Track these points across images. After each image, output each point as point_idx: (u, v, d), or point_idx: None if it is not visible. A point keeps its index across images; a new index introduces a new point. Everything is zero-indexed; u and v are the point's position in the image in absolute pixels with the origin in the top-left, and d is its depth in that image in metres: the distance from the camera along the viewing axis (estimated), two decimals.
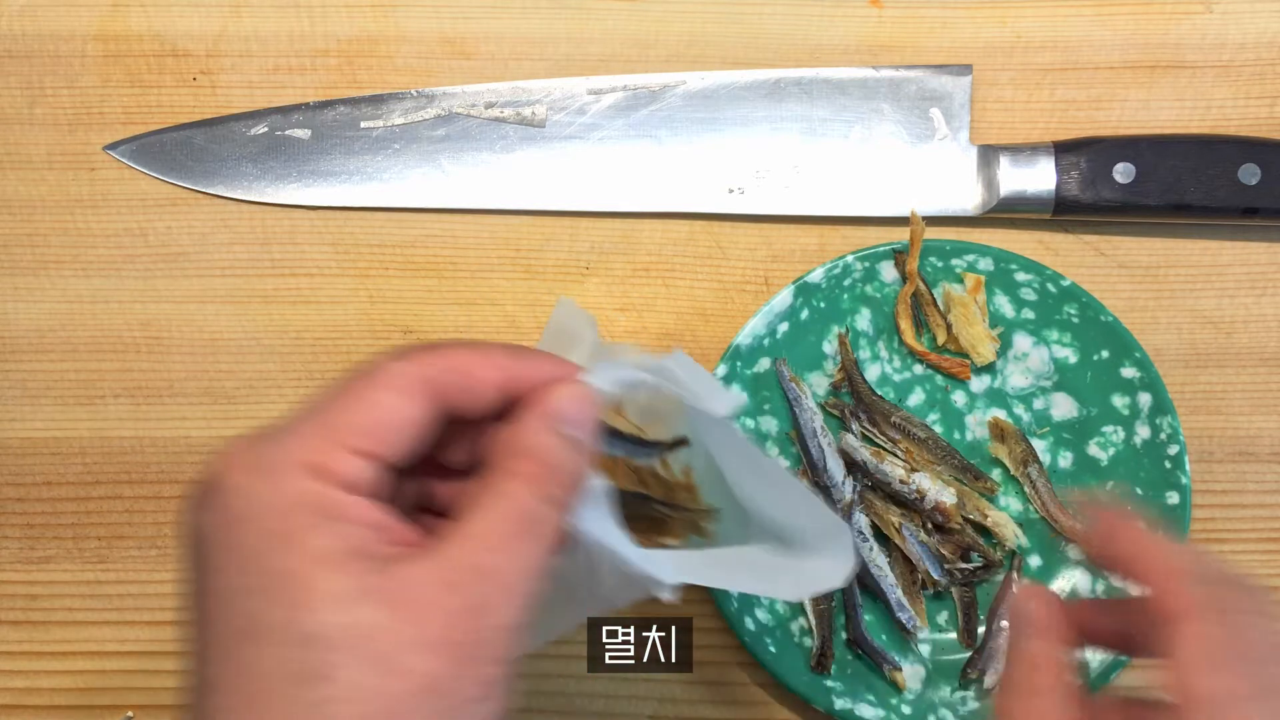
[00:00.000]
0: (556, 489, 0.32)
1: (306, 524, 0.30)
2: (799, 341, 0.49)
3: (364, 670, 0.28)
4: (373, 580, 0.29)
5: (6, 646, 0.50)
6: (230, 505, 0.30)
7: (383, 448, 0.31)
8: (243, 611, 0.29)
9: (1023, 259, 0.49)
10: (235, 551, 0.30)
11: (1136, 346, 0.48)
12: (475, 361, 0.33)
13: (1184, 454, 0.47)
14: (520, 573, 0.31)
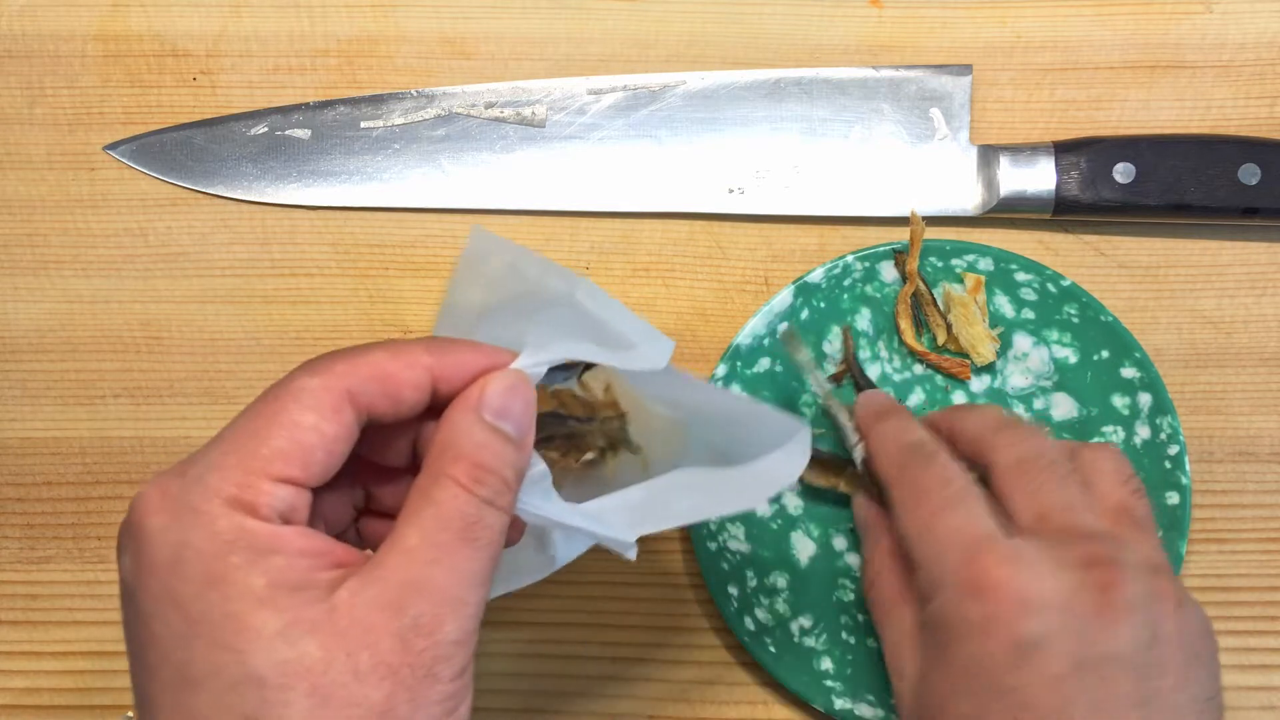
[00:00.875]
0: (493, 490, 0.31)
1: (236, 563, 0.29)
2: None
3: (308, 707, 0.28)
4: (311, 612, 0.29)
5: (6, 646, 0.50)
6: (154, 550, 0.29)
7: (304, 472, 0.30)
8: (181, 659, 0.29)
9: (1023, 259, 0.49)
10: (165, 598, 0.29)
11: (1136, 346, 0.48)
12: (394, 365, 0.32)
13: (1184, 454, 0.47)
14: (464, 582, 0.30)
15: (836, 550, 0.49)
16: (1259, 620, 0.49)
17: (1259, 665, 0.49)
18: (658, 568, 0.50)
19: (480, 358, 0.33)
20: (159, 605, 0.29)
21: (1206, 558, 0.49)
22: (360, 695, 0.28)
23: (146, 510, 0.30)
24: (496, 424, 0.32)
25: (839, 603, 0.48)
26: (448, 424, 0.32)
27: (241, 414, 0.31)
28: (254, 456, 0.30)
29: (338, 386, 0.31)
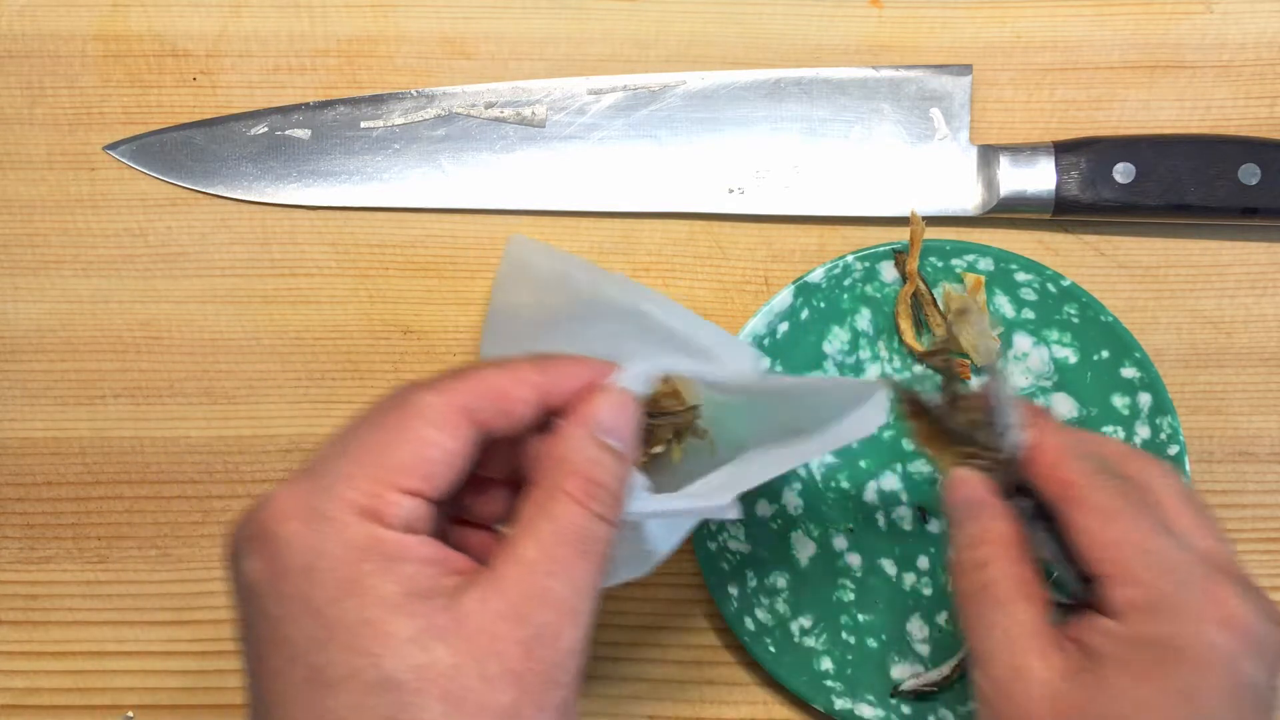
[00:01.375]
0: (604, 505, 0.33)
1: (370, 570, 0.30)
2: (799, 342, 0.49)
3: (442, 710, 0.29)
4: (441, 619, 0.30)
5: (6, 646, 0.50)
6: (285, 556, 0.31)
7: (429, 485, 0.32)
8: (316, 662, 0.30)
9: (1023, 259, 0.49)
10: (297, 602, 0.30)
11: (1136, 346, 0.48)
12: (507, 383, 0.34)
13: (1184, 454, 0.47)
14: (579, 594, 0.32)
15: (836, 550, 0.49)
16: None
17: None
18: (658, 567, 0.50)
19: (585, 372, 0.35)
20: (292, 609, 0.30)
21: None
22: (489, 700, 0.29)
23: (278, 517, 0.31)
24: (607, 440, 0.33)
25: (839, 603, 0.48)
26: (562, 440, 0.33)
27: (362, 425, 0.33)
28: (381, 468, 0.31)
29: (458, 404, 0.33)
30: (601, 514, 0.33)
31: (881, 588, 0.49)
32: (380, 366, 0.51)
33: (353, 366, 0.51)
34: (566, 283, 0.39)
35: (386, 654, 0.29)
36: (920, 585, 0.49)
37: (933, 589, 0.48)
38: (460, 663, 0.29)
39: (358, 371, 0.51)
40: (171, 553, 0.50)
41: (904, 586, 0.49)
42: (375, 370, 0.51)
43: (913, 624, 0.48)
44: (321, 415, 0.51)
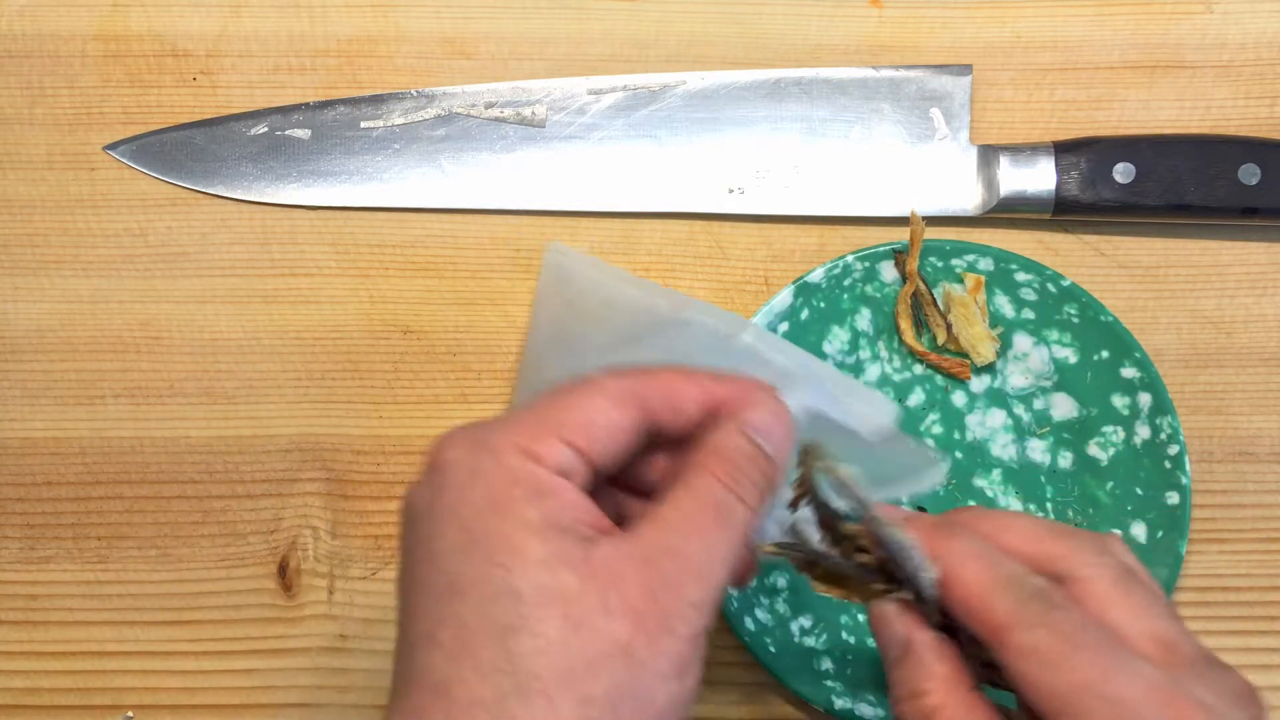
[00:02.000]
0: (744, 489, 0.35)
1: (518, 495, 0.32)
2: (799, 341, 0.49)
3: (561, 628, 0.31)
4: (572, 550, 0.32)
5: (6, 646, 0.50)
6: (448, 476, 0.33)
7: (589, 444, 0.34)
8: (454, 569, 0.32)
9: (1023, 259, 0.49)
10: (450, 515, 0.33)
11: (1136, 346, 0.48)
12: (681, 382, 0.36)
13: (1184, 454, 0.47)
14: (710, 556, 0.33)
15: None
16: (1259, 620, 0.49)
17: (1259, 665, 0.49)
18: None
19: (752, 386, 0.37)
20: (443, 522, 0.33)
21: (1206, 558, 0.49)
22: (607, 628, 0.31)
23: (447, 445, 0.34)
24: (757, 439, 0.35)
25: (839, 603, 0.48)
26: (716, 431, 0.35)
27: (545, 393, 0.35)
28: (547, 420, 0.34)
29: (632, 387, 0.35)
30: (740, 495, 0.34)
31: None
32: (380, 366, 0.51)
33: (353, 366, 0.51)
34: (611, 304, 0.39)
35: (517, 568, 0.31)
36: None
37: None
38: (584, 589, 0.31)
39: (358, 371, 0.51)
40: (171, 553, 0.50)
41: None
42: (375, 370, 0.51)
43: None
44: (321, 415, 0.51)
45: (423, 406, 0.51)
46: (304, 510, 0.50)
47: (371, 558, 0.50)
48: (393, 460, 0.50)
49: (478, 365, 0.51)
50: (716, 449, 0.35)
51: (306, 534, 0.50)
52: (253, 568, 0.50)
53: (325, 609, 0.49)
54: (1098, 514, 0.48)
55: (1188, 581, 0.49)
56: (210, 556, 0.50)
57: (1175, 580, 0.47)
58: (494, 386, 0.51)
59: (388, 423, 0.51)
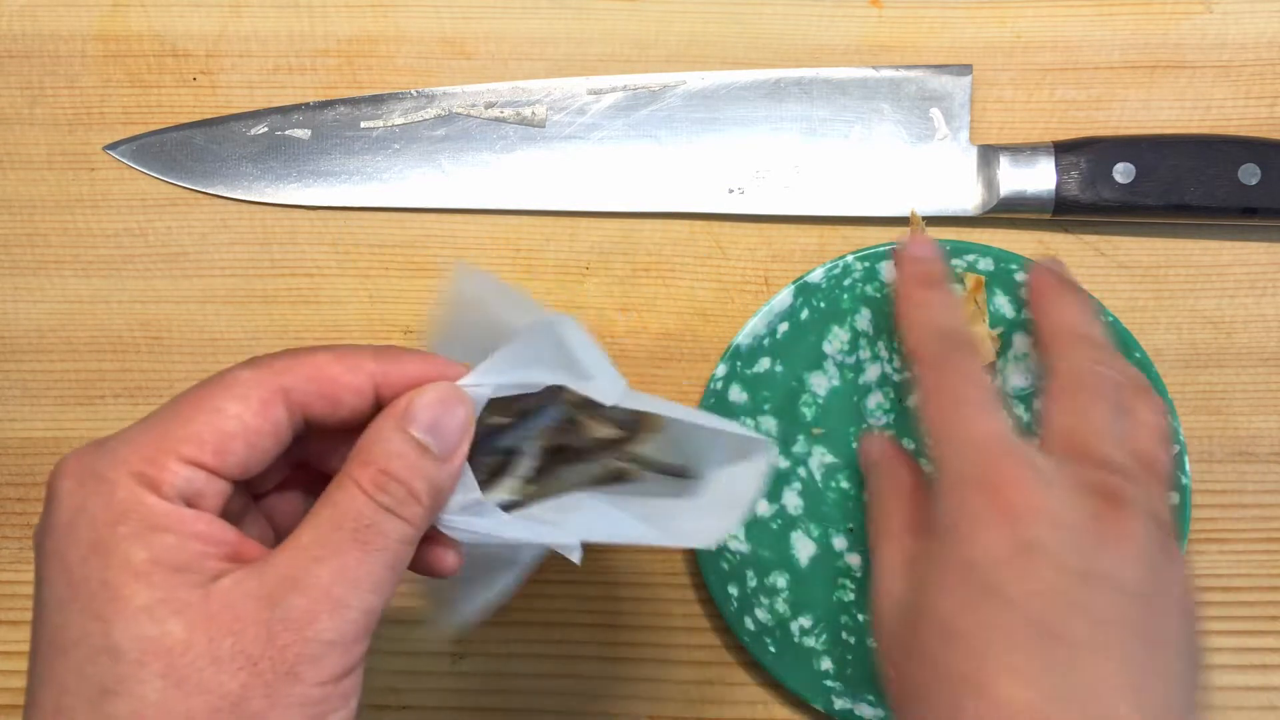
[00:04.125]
0: (396, 499, 0.30)
1: (124, 534, 0.29)
2: (799, 341, 0.49)
3: (161, 687, 0.27)
4: (186, 594, 0.28)
5: (6, 646, 0.50)
6: (56, 514, 0.30)
7: (218, 458, 0.30)
8: (57, 624, 0.29)
9: (1023, 259, 0.49)
10: (56, 561, 0.29)
11: (1136, 346, 0.48)
12: (336, 367, 0.32)
13: (1184, 454, 0.47)
14: (347, 583, 0.29)
15: (836, 550, 0.49)
16: (1259, 620, 0.49)
17: (1259, 665, 0.49)
18: (658, 568, 0.50)
19: (428, 369, 0.32)
20: (50, 568, 0.30)
21: (1206, 558, 0.49)
22: (215, 682, 0.28)
23: (59, 475, 0.30)
24: (419, 436, 0.31)
25: (839, 603, 0.48)
26: (368, 430, 0.32)
27: (177, 397, 0.31)
28: (168, 436, 0.30)
29: (272, 381, 0.31)
30: (390, 508, 0.30)
31: None
32: None
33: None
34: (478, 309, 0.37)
35: (116, 620, 0.28)
36: None
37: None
38: (191, 639, 0.28)
39: None
40: None
41: None
42: None
43: None
44: None
45: None
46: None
47: None
48: None
49: None
50: (365, 453, 0.31)
51: None
52: None
53: None
54: None
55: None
56: None
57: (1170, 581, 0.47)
58: None
59: None
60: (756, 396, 0.49)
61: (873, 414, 0.49)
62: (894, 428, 0.49)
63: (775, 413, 0.49)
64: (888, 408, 0.49)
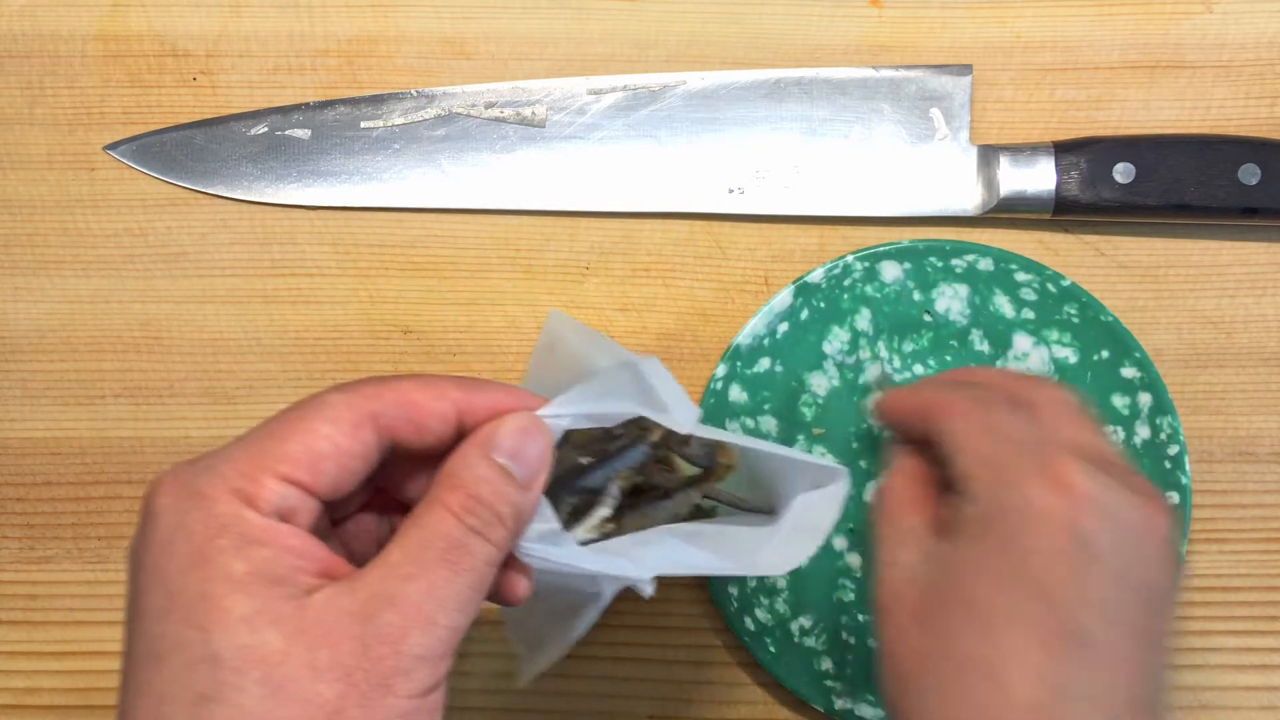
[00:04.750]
0: (483, 521, 0.32)
1: (223, 546, 0.30)
2: (799, 342, 0.49)
3: (260, 695, 0.28)
4: (282, 606, 0.29)
5: (6, 646, 0.50)
6: (156, 529, 0.30)
7: (312, 477, 0.31)
8: (156, 633, 0.29)
9: (1023, 259, 0.49)
10: (155, 573, 0.30)
11: (1136, 346, 0.48)
12: (422, 394, 0.33)
13: (1184, 454, 0.47)
14: (436, 602, 0.30)
15: (836, 550, 0.49)
16: (1259, 620, 0.49)
17: (1259, 665, 0.49)
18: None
19: (509, 399, 0.34)
20: (148, 579, 0.30)
21: (1206, 558, 0.49)
22: (312, 691, 0.29)
23: (157, 491, 0.31)
24: (503, 463, 0.32)
25: (839, 603, 0.48)
26: (454, 455, 0.33)
27: (271, 419, 0.32)
28: (265, 454, 0.31)
29: (363, 406, 0.32)
30: (477, 529, 0.31)
31: None
32: (380, 366, 0.51)
33: (353, 366, 0.51)
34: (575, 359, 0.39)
35: (215, 630, 0.29)
36: None
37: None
38: (288, 649, 0.29)
39: (358, 371, 0.51)
40: None
41: None
42: (375, 370, 0.51)
43: None
44: None
45: None
46: None
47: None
48: None
49: (478, 365, 0.51)
50: (453, 477, 0.32)
51: None
52: None
53: None
54: None
55: (1188, 581, 0.49)
56: None
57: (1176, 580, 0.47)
58: None
59: None
60: (756, 396, 0.49)
61: (873, 414, 0.49)
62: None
63: (775, 413, 0.49)
64: None
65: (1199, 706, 0.49)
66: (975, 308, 0.49)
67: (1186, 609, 0.49)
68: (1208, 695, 0.49)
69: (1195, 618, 0.49)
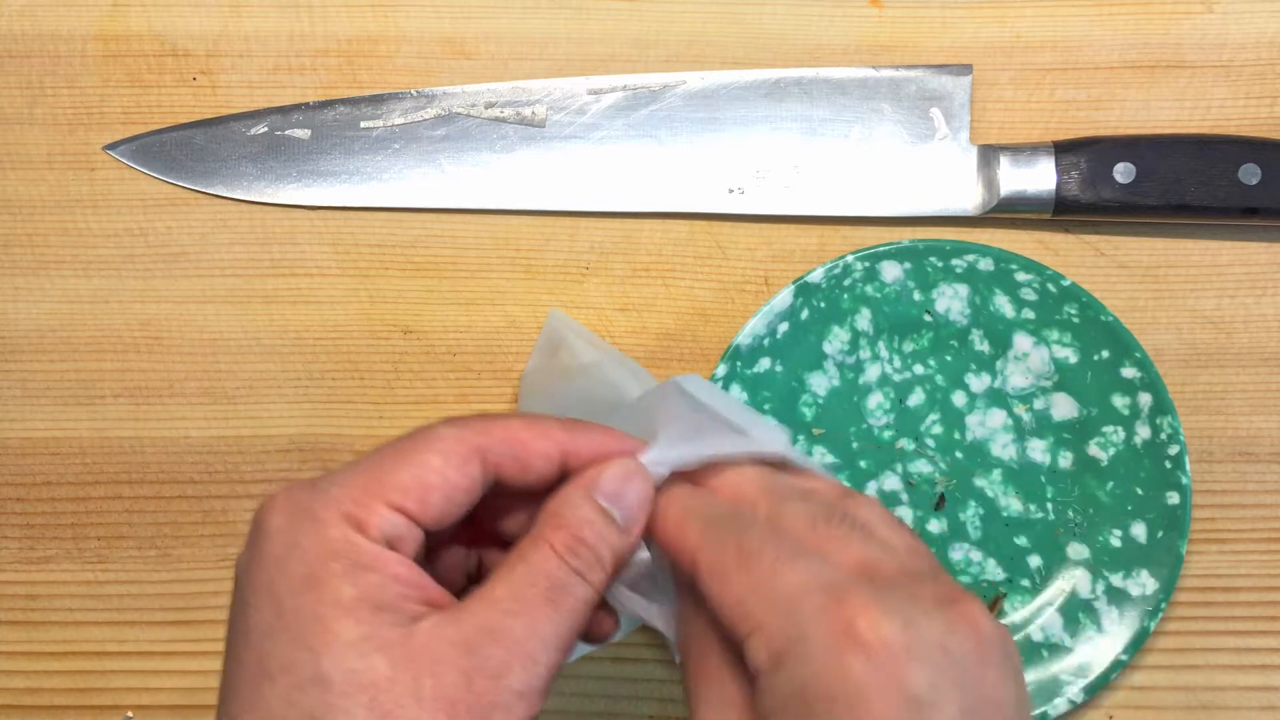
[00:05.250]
0: (585, 563, 0.32)
1: (335, 570, 0.30)
2: (799, 342, 0.49)
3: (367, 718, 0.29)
4: (389, 632, 0.30)
5: (6, 646, 0.50)
6: (268, 547, 0.31)
7: (421, 507, 0.32)
8: (265, 650, 0.30)
9: (1023, 259, 0.49)
10: (265, 591, 0.31)
11: (1137, 346, 0.48)
12: (529, 434, 0.34)
13: (1184, 454, 0.47)
14: (538, 640, 0.31)
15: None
16: (1259, 620, 0.49)
17: (1259, 665, 0.49)
18: None
19: (613, 443, 0.34)
20: (259, 597, 0.31)
21: (1206, 558, 0.49)
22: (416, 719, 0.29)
23: (270, 510, 0.32)
24: (605, 505, 0.33)
25: None
26: (559, 495, 0.33)
27: (382, 447, 0.33)
28: (376, 482, 0.32)
29: (471, 440, 0.33)
30: (580, 571, 0.32)
31: None
32: (380, 366, 0.51)
33: (353, 366, 0.51)
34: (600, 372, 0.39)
35: (325, 652, 0.29)
36: None
37: None
38: (395, 676, 0.29)
39: (358, 371, 0.51)
40: (171, 553, 0.50)
41: None
42: (375, 370, 0.51)
43: None
44: (321, 415, 0.51)
45: (423, 406, 0.51)
46: None
47: None
48: None
49: (478, 365, 0.51)
50: (558, 517, 0.33)
51: None
52: None
53: None
54: (1098, 514, 0.48)
55: (1188, 581, 0.49)
56: (210, 556, 0.50)
57: (1176, 580, 0.47)
58: (494, 386, 0.51)
59: (388, 423, 0.51)
60: (756, 396, 0.49)
61: (872, 414, 0.49)
62: (894, 428, 0.49)
63: (775, 413, 0.49)
64: (888, 408, 0.49)
65: (1199, 706, 0.49)
66: (975, 307, 0.49)
67: (1187, 609, 0.49)
68: (1208, 695, 0.49)
69: (1195, 618, 0.49)
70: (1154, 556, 0.47)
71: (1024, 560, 0.49)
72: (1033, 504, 0.49)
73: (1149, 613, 0.47)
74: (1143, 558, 0.48)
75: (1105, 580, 0.48)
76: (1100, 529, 0.48)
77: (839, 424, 0.49)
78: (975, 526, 0.49)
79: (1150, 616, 0.47)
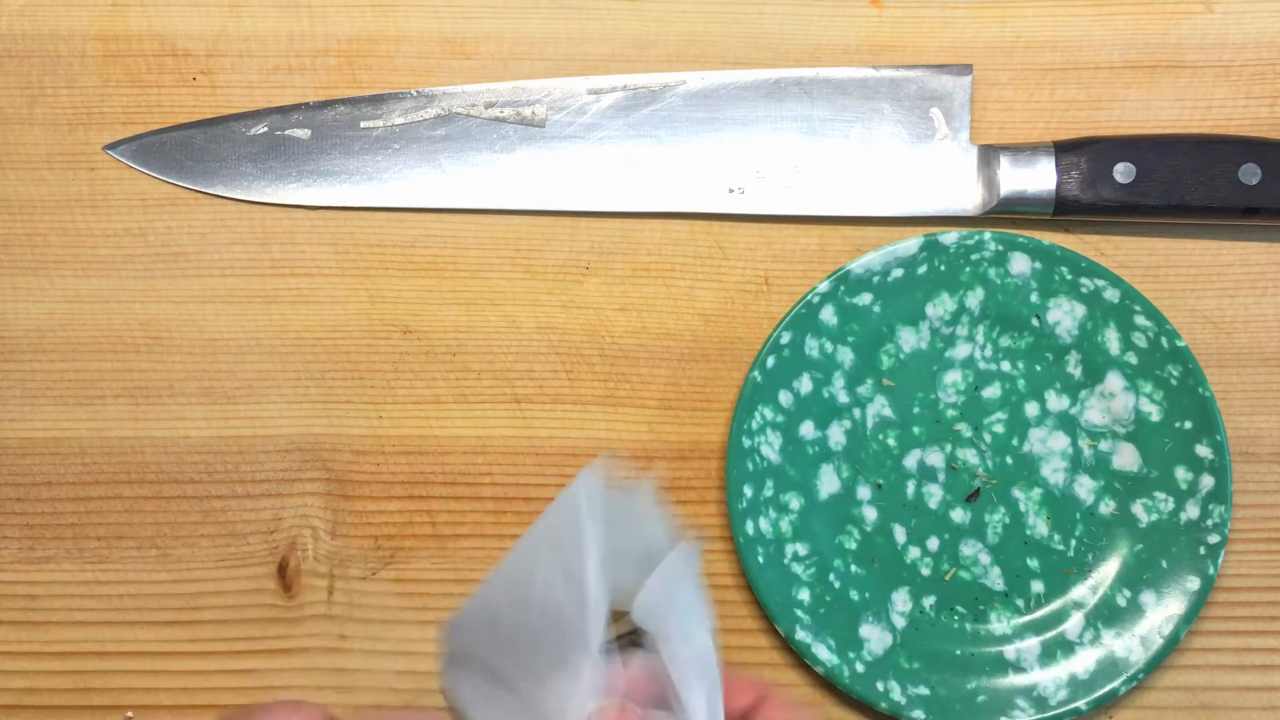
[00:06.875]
0: None
1: None
2: (906, 293, 0.49)
3: None
4: None
5: (6, 646, 0.50)
6: None
7: None
8: None
9: (1148, 304, 0.48)
10: None
11: (1220, 430, 0.47)
12: None
13: (1222, 547, 0.47)
14: None
15: (858, 498, 0.49)
16: (1259, 620, 0.49)
17: (1259, 665, 0.49)
18: None
19: None
20: None
21: None
22: None
23: None
24: None
25: (839, 546, 0.49)
26: None
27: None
28: None
29: None
30: None
31: (884, 550, 0.49)
32: (380, 366, 0.51)
33: (353, 366, 0.51)
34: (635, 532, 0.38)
35: None
36: (921, 563, 0.49)
37: (931, 571, 0.48)
38: None
39: (358, 371, 0.51)
40: (171, 553, 0.50)
41: (905, 558, 0.49)
42: (375, 370, 0.51)
43: (899, 595, 0.49)
44: (321, 415, 0.51)
45: (423, 406, 0.51)
46: (304, 510, 0.50)
47: (371, 558, 0.50)
48: (392, 460, 0.50)
49: (478, 365, 0.51)
50: None
51: (306, 534, 0.50)
52: (252, 568, 0.50)
53: (325, 609, 0.49)
54: (1116, 569, 0.48)
55: None
56: (210, 556, 0.50)
57: (1162, 660, 0.47)
58: (494, 386, 0.51)
59: (388, 423, 0.51)
60: (845, 326, 0.49)
61: (945, 389, 0.49)
62: (959, 410, 0.49)
63: (856, 348, 0.49)
64: (962, 389, 0.49)
65: (1199, 706, 0.49)
66: (1085, 331, 0.49)
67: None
68: (1208, 695, 0.49)
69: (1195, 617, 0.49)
70: (1152, 629, 0.47)
71: (1027, 582, 0.49)
72: (1058, 534, 0.49)
73: (1126, 678, 0.47)
74: (1141, 626, 0.48)
75: (1096, 632, 0.48)
76: (1111, 586, 0.48)
77: (910, 384, 0.49)
78: (996, 532, 0.49)
79: (1125, 682, 0.47)
